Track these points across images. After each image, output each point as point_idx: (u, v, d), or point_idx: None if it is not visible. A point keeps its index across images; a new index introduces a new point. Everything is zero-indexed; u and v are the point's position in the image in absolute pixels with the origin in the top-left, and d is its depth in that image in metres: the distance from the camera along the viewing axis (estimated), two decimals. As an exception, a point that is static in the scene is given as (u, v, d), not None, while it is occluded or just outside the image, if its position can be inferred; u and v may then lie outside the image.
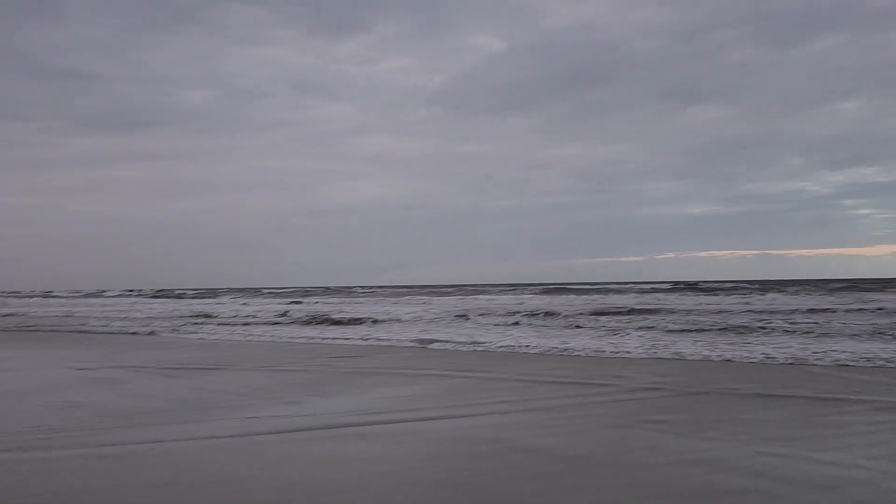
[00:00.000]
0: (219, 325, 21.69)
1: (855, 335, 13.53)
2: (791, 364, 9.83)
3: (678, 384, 8.07)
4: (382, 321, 20.79)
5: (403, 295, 49.63)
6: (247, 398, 7.52)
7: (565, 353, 11.84)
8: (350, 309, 30.83)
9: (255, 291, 61.69)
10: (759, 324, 16.53)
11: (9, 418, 6.39)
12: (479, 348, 13.01)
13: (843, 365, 9.57)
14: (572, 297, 39.87)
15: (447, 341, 14.40)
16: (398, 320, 21.16)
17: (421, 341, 14.51)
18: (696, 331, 15.44)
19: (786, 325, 16.28)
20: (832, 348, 11.34)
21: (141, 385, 8.68)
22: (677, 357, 10.94)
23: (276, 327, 19.83)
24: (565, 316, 20.73)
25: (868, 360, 9.89)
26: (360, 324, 20.23)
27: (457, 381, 8.78)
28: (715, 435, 5.49)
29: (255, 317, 24.69)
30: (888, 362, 9.66)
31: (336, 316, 22.91)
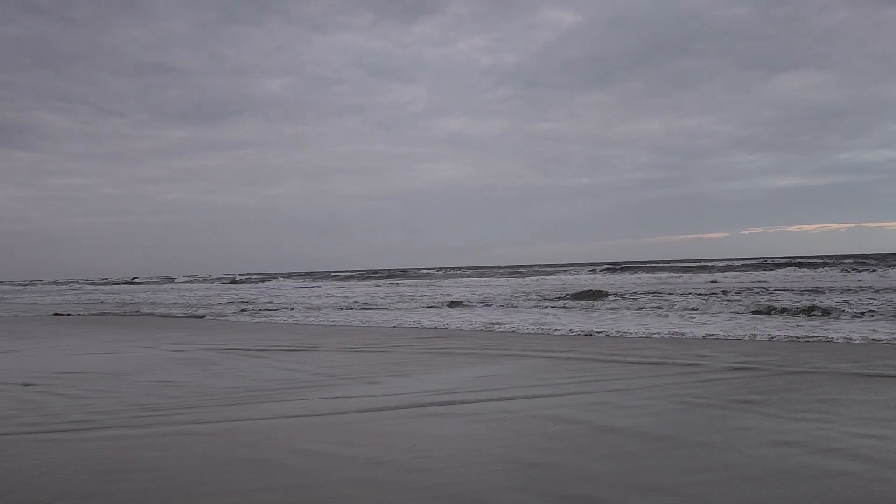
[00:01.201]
0: (301, 307, 22.35)
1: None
2: (892, 343, 9.33)
3: (768, 364, 7.80)
4: (459, 303, 20.93)
5: (483, 276, 49.76)
6: (331, 378, 7.74)
7: (651, 335, 11.61)
8: (427, 291, 31.20)
9: (330, 274, 63.09)
10: (855, 301, 15.76)
11: (112, 397, 6.79)
12: (556, 329, 12.93)
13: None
14: (648, 275, 39.03)
15: (523, 323, 14.38)
16: (474, 302, 21.26)
17: (498, 323, 14.53)
18: (781, 311, 14.87)
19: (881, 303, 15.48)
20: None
21: (231, 366, 9.06)
22: (765, 337, 10.56)
23: (355, 311, 20.25)
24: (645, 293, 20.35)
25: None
26: (433, 308, 20.43)
27: (535, 361, 8.76)
28: (810, 416, 5.28)
29: (334, 297, 25.36)
30: None
31: (415, 296, 23.24)
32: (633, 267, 48.75)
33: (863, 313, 13.35)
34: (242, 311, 21.89)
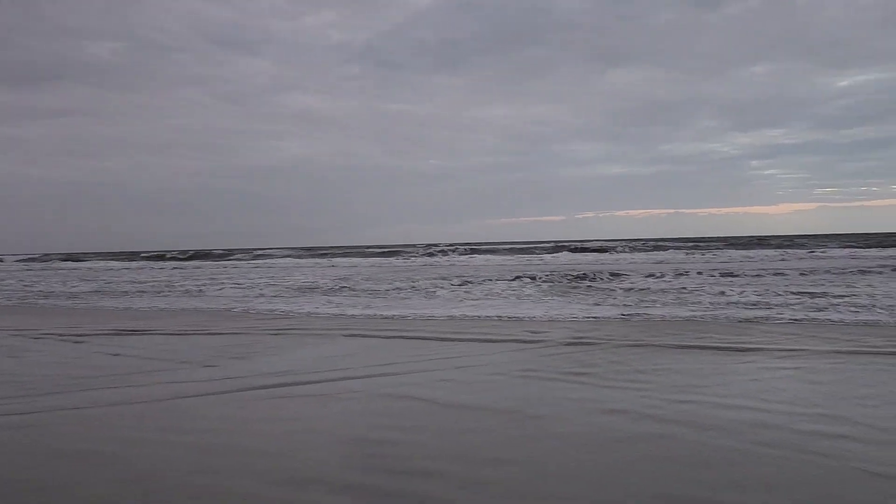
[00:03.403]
0: (131, 290, 20.83)
1: (759, 292, 14.30)
2: (700, 319, 10.31)
3: (597, 339, 8.32)
4: (305, 286, 20.48)
5: (332, 257, 49.02)
6: (163, 362, 7.25)
7: (484, 316, 11.98)
8: (272, 273, 30.29)
9: (166, 255, 59.35)
10: (676, 281, 17.26)
11: None
12: (399, 311, 13.01)
13: (746, 320, 10.11)
14: (493, 257, 40.44)
15: (368, 304, 14.33)
16: (320, 285, 20.91)
17: (344, 305, 14.37)
18: (607, 290, 15.95)
19: (697, 284, 17.07)
20: (735, 301, 11.98)
21: (46, 352, 8.22)
22: (596, 315, 11.28)
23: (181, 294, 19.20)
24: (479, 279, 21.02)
25: (767, 311, 10.51)
26: (274, 287, 19.85)
27: (378, 340, 8.76)
28: (633, 385, 5.70)
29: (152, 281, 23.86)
30: (786, 314, 10.28)
31: (257, 279, 22.42)
32: (478, 249, 50.17)
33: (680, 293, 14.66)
34: (51, 293, 19.97)
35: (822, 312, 10.41)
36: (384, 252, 50.02)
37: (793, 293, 13.36)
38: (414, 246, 55.63)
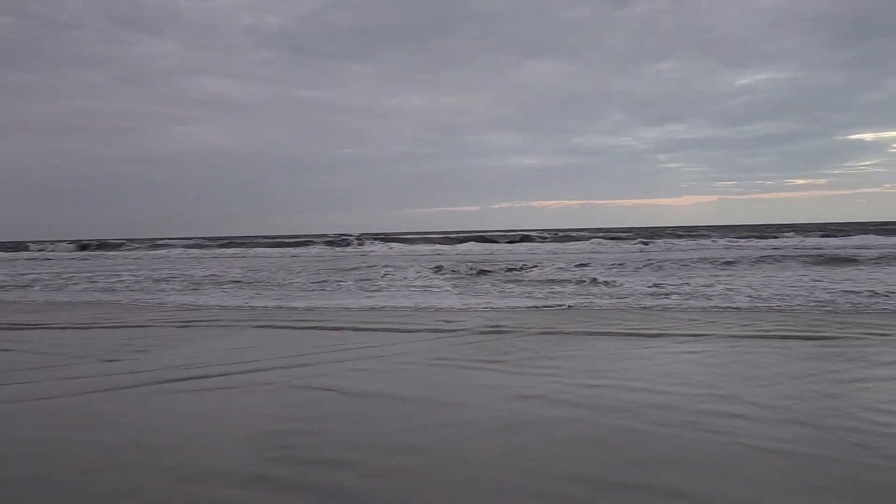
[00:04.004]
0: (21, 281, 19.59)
1: (668, 282, 14.92)
2: (607, 307, 10.68)
3: (510, 327, 8.48)
4: (209, 277, 19.88)
5: (241, 247, 47.68)
6: (59, 357, 6.88)
7: (399, 306, 11.99)
8: (178, 265, 29.29)
9: (55, 244, 56.11)
10: (577, 270, 17.79)
11: None
12: (310, 301, 12.85)
13: (651, 307, 10.56)
14: (405, 246, 40.48)
15: (281, 295, 14.07)
16: (226, 277, 20.35)
17: (249, 296, 14.04)
18: (517, 281, 16.29)
19: (602, 273, 17.64)
20: (641, 290, 12.48)
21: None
22: (510, 305, 11.49)
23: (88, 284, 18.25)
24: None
25: (668, 300, 11.01)
26: (174, 279, 19.19)
27: (288, 331, 8.62)
28: (544, 371, 5.84)
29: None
30: (690, 304, 10.81)
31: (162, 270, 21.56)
32: (393, 239, 50.00)
33: (585, 281, 15.13)
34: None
35: (720, 300, 10.98)
36: (296, 242, 49.09)
37: (700, 283, 14.04)
38: (327, 235, 54.84)
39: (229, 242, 53.54)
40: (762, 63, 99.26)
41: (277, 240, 53.54)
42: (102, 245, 52.10)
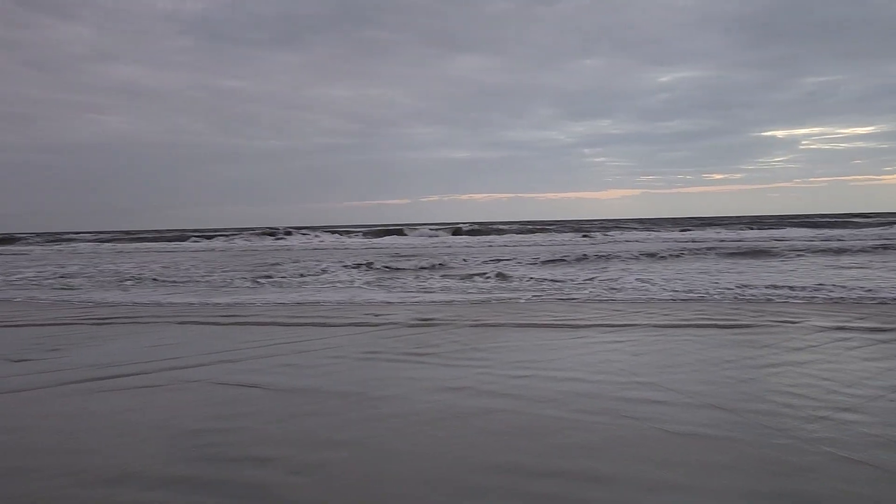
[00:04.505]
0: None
1: (599, 276, 15.27)
2: (535, 299, 10.84)
3: (439, 320, 8.50)
4: (126, 275, 19.13)
5: (160, 241, 46.07)
6: (-39, 359, 6.47)
7: (325, 300, 11.84)
8: (82, 261, 28.15)
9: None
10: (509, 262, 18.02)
11: None
12: (235, 297, 12.55)
13: (574, 298, 10.78)
14: (330, 238, 40.08)
15: (202, 291, 13.69)
16: (146, 273, 19.64)
17: (167, 292, 13.59)
18: (446, 276, 16.37)
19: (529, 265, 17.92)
20: (568, 282, 12.74)
21: None
22: (439, 298, 11.51)
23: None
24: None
25: (592, 290, 11.28)
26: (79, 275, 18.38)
27: (212, 328, 8.38)
28: (474, 363, 5.87)
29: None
30: (618, 297, 11.09)
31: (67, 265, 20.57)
32: (321, 232, 49.28)
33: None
34: None
35: (643, 291, 11.32)
36: (219, 235, 47.74)
37: (623, 275, 14.42)
38: (251, 229, 53.54)
39: (146, 236, 51.65)
40: (682, 62, 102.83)
41: (198, 233, 51.90)
42: (2, 240, 49.31)
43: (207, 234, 48.89)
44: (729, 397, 4.56)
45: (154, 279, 16.17)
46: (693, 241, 28.37)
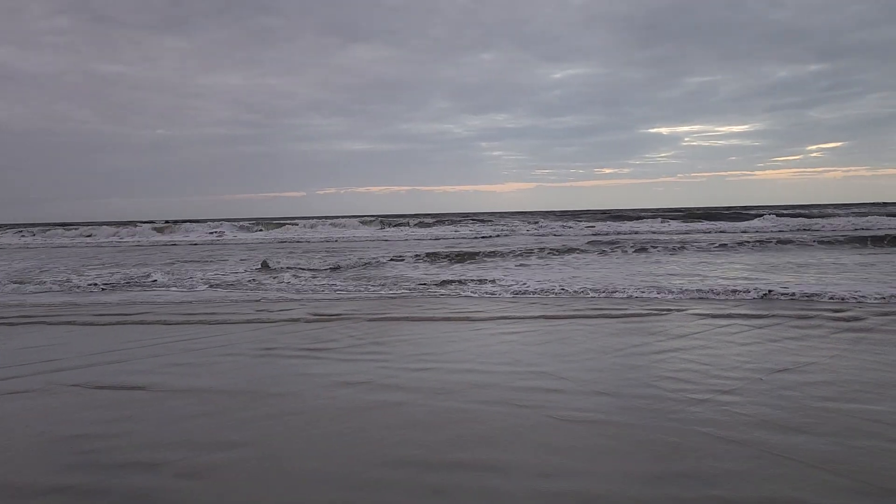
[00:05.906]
0: None
1: (481, 268, 15.51)
2: (432, 293, 10.91)
3: (336, 315, 8.39)
4: None
5: (30, 235, 42.96)
6: None
7: (218, 298, 11.44)
8: (-44, 254, 26.05)
9: None
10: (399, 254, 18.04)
11: None
12: (118, 295, 11.89)
13: (473, 291, 10.93)
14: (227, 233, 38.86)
15: (78, 288, 12.89)
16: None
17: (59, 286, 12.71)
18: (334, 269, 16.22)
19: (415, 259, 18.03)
20: (467, 276, 12.90)
21: None
22: (335, 296, 11.36)
23: None
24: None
25: (493, 286, 11.49)
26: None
27: (96, 328, 7.91)
28: (372, 357, 5.84)
29: None
30: (523, 291, 11.32)
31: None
32: (212, 224, 47.47)
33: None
34: None
35: (540, 283, 11.62)
36: (97, 228, 45.02)
37: (522, 268, 14.74)
38: (136, 223, 50.76)
39: (18, 230, 48.00)
40: (573, 58, 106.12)
41: (79, 226, 48.73)
42: None
43: (95, 226, 46.00)
44: (618, 384, 4.76)
45: (26, 275, 15.04)
46: (594, 234, 29.40)
